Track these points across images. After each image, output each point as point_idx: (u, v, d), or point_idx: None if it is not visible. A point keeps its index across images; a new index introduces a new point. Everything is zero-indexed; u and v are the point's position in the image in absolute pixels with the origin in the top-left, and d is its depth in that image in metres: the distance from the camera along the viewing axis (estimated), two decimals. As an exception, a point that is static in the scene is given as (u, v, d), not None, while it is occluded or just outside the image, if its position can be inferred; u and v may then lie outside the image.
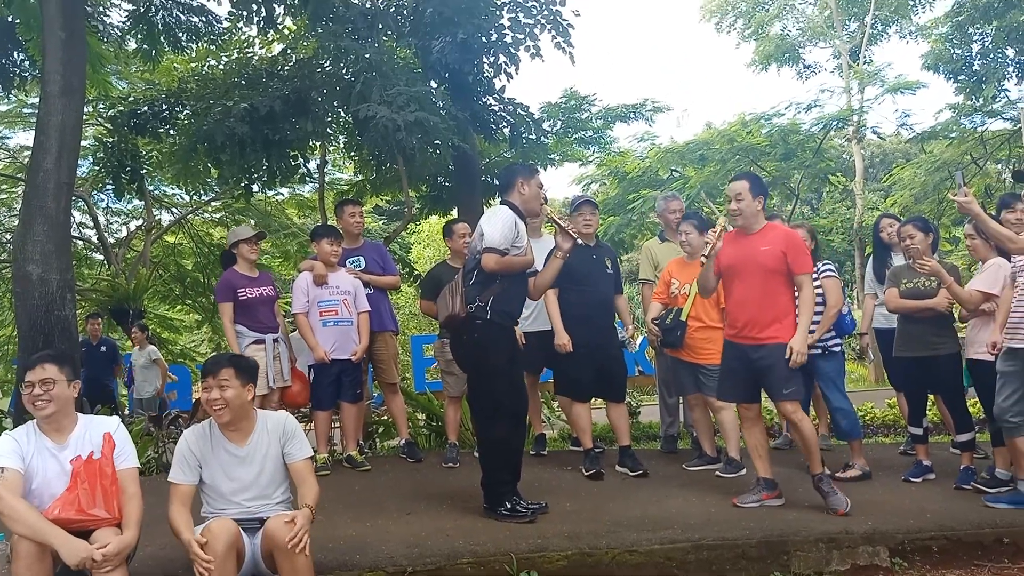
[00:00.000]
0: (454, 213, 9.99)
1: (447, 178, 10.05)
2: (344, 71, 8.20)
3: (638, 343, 12.14)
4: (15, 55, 8.53)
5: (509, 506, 4.33)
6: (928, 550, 3.98)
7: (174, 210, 17.59)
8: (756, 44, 23.56)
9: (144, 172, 10.28)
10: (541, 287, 4.75)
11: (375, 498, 4.91)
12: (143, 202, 15.92)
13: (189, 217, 16.95)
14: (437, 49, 7.88)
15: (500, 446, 4.41)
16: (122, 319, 12.87)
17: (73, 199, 7.77)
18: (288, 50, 9.22)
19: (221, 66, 9.63)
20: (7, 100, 12.09)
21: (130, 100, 9.67)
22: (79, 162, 7.67)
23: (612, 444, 6.09)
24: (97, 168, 10.58)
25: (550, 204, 4.75)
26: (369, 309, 5.82)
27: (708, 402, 5.50)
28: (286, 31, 9.42)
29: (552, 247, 4.61)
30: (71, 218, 7.28)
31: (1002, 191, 14.09)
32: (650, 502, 4.65)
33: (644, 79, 73.26)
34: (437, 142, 7.61)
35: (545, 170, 12.10)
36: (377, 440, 7.10)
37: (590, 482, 5.20)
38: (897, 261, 5.65)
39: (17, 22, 7.99)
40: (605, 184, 18.93)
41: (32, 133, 6.48)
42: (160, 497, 3.38)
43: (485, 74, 8.40)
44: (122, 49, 10.44)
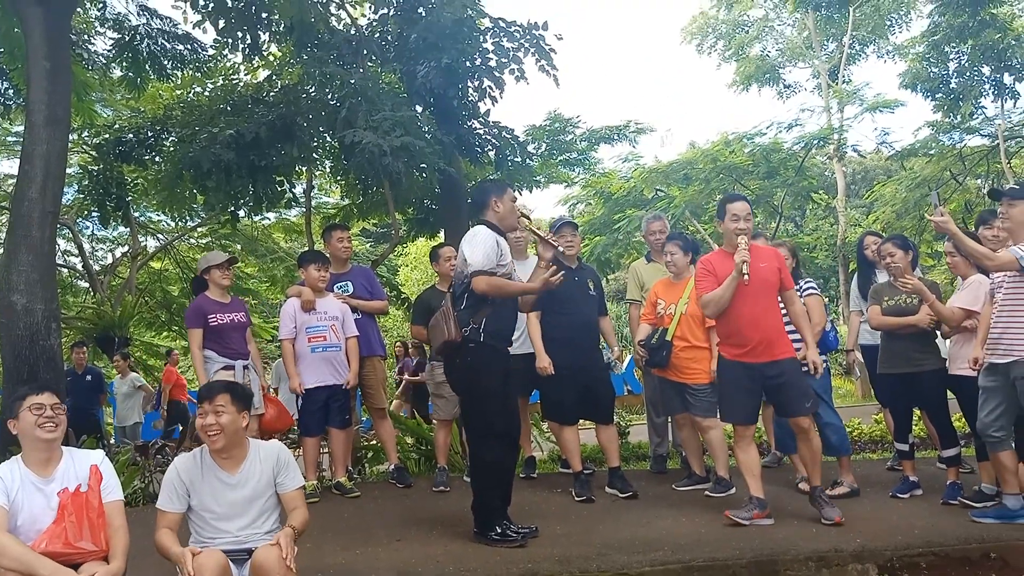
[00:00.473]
0: (441, 236, 10.02)
1: (434, 201, 10.09)
2: (329, 96, 8.26)
3: (624, 365, 12.20)
4: (0, 84, 8.55)
5: (499, 530, 4.32)
6: (916, 567, 3.99)
7: (160, 236, 17.56)
8: (737, 65, 23.86)
9: (129, 199, 10.30)
10: (528, 299, 4.71)
11: (364, 525, 4.88)
12: (128, 229, 15.88)
13: (175, 243, 16.91)
14: (422, 74, 7.93)
15: (494, 469, 4.40)
16: (108, 347, 12.80)
17: (58, 227, 7.76)
18: (273, 76, 9.28)
19: (206, 93, 9.66)
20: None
21: (115, 128, 9.68)
22: (64, 190, 7.67)
23: (602, 465, 6.08)
24: (82, 196, 10.60)
25: (526, 218, 4.73)
26: (357, 334, 5.81)
27: (696, 422, 5.51)
28: (271, 58, 9.48)
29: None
30: (56, 246, 7.27)
31: (982, 206, 14.27)
32: (640, 524, 4.65)
33: (629, 99, 73.93)
34: (423, 166, 7.66)
35: (531, 192, 12.20)
36: (366, 465, 7.06)
37: (580, 505, 5.20)
38: (882, 278, 5.71)
39: (1, 51, 8.01)
40: (591, 204, 19.05)
41: (17, 162, 6.48)
42: (147, 528, 3.36)
43: (470, 98, 8.46)
44: (107, 77, 10.49)
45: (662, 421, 6.30)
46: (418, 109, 8.37)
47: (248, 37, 8.33)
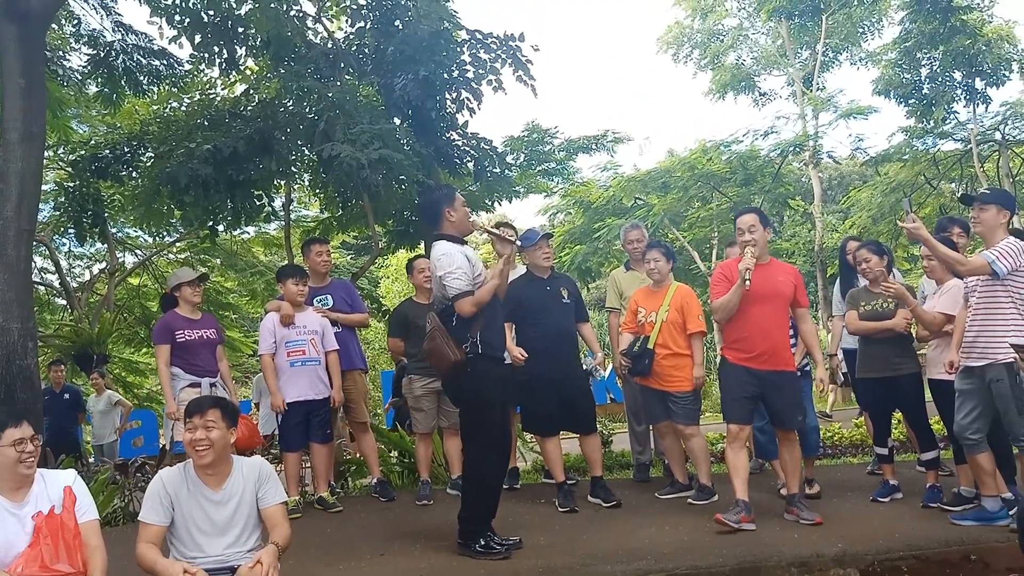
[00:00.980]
0: (421, 247, 10.02)
1: (414, 213, 10.08)
2: (307, 110, 8.25)
3: (607, 371, 12.19)
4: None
5: (483, 543, 4.30)
6: (898, 570, 4.03)
7: (138, 252, 17.41)
8: (712, 73, 24.06)
9: (106, 216, 10.19)
10: (501, 290, 4.51)
11: (347, 539, 4.85)
12: (106, 245, 15.73)
13: (153, 259, 16.78)
14: (399, 86, 7.95)
15: (490, 481, 4.40)
16: (86, 364, 12.64)
17: (34, 245, 7.68)
18: (251, 90, 9.25)
19: (183, 108, 9.63)
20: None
21: (91, 144, 9.61)
22: (40, 207, 7.60)
23: (585, 475, 6.08)
24: (58, 213, 10.48)
25: (479, 220, 4.74)
26: (337, 348, 5.79)
27: (678, 430, 5.52)
28: (248, 72, 9.46)
29: (523, 274, 4.65)
30: (32, 264, 7.19)
31: (956, 211, 14.45)
32: (623, 533, 4.66)
33: (606, 109, 74.32)
34: (402, 178, 7.66)
35: (510, 202, 12.21)
36: (349, 479, 7.02)
37: (564, 515, 5.19)
38: (863, 283, 5.76)
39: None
40: (571, 214, 19.13)
41: (-9, 180, 6.39)
42: (128, 547, 3.32)
43: (448, 110, 8.49)
44: (82, 93, 10.42)
45: (643, 429, 6.30)
46: (396, 121, 8.38)
47: (225, 51, 8.32)
